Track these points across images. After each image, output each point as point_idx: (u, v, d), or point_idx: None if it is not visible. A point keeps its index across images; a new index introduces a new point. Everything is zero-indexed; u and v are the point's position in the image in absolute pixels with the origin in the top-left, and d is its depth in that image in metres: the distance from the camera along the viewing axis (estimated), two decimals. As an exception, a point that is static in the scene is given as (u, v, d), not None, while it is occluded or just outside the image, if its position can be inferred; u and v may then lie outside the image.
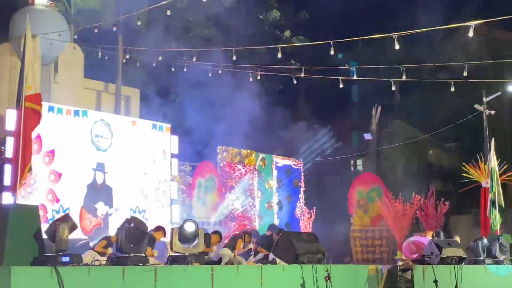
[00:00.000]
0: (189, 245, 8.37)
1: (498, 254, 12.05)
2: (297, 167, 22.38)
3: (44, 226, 7.83)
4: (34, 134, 8.77)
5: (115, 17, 18.63)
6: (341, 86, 17.40)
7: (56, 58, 18.72)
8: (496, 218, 14.42)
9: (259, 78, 18.73)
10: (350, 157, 29.55)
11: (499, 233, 13.85)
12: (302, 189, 22.30)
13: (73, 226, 7.87)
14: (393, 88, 17.70)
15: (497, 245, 12.11)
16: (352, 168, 31.01)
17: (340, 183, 30.06)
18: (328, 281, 8.72)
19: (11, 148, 10.78)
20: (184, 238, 8.36)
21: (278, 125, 27.15)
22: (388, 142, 24.81)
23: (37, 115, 8.63)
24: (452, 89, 16.57)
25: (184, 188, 19.22)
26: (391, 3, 29.32)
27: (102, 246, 11.00)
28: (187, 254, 8.30)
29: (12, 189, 8.52)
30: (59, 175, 14.69)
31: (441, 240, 11.71)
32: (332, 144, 27.19)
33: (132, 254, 7.76)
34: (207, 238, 11.96)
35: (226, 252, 11.80)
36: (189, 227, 8.42)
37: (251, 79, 18.81)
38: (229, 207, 19.29)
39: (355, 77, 16.43)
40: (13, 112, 10.12)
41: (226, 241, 13.31)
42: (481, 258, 11.88)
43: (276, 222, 20.42)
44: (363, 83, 21.86)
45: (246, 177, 20.13)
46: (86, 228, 15.07)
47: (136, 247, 7.82)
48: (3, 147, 13.95)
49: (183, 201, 18.62)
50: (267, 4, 28.34)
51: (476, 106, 18.77)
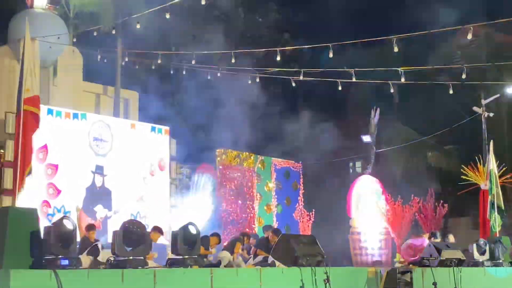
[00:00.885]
0: (191, 248, 8.38)
1: (498, 256, 12.07)
2: (296, 169, 22.38)
3: (44, 221, 7.83)
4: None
5: (114, 20, 18.63)
6: (340, 88, 17.43)
7: (55, 61, 18.72)
8: (495, 220, 14.43)
9: (258, 80, 18.75)
10: (349, 160, 29.53)
11: (498, 235, 13.87)
12: (301, 192, 22.31)
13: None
14: (392, 90, 17.69)
15: (500, 247, 12.14)
16: (351, 170, 30.99)
17: (339, 185, 30.05)
18: (328, 283, 8.72)
19: (11, 151, 10.80)
20: (187, 241, 8.36)
21: (277, 127, 27.16)
22: (387, 144, 24.78)
23: (36, 118, 8.62)
24: (451, 92, 16.59)
25: (183, 191, 19.21)
26: (390, 6, 29.35)
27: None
28: (186, 257, 8.30)
29: (12, 192, 8.54)
30: (56, 166, 14.66)
31: (440, 243, 11.74)
32: (331, 146, 27.17)
33: (131, 258, 7.76)
34: (206, 240, 11.97)
35: (225, 255, 11.80)
36: (193, 230, 8.46)
37: (250, 82, 18.82)
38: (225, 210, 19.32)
39: (353, 79, 16.41)
40: (13, 115, 10.15)
41: (225, 244, 13.31)
42: (480, 260, 11.89)
43: (275, 224, 20.41)
44: (362, 86, 21.87)
45: (245, 180, 20.15)
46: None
47: (135, 251, 7.82)
48: (2, 150, 13.97)
49: (181, 204, 18.61)
50: (266, 7, 28.37)
51: (475, 108, 18.78)
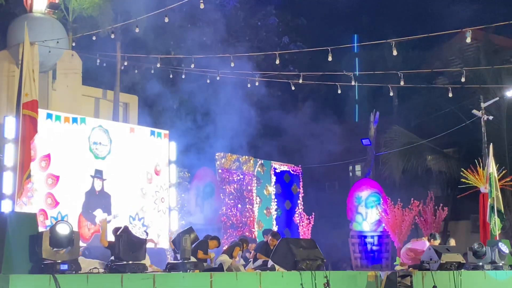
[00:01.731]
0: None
1: (497, 259, 12.05)
2: (295, 173, 22.37)
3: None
4: (38, 145, 8.77)
5: (113, 24, 18.63)
6: (339, 92, 17.42)
7: (54, 66, 18.70)
8: (495, 224, 14.42)
9: (257, 84, 18.75)
10: (349, 163, 29.53)
11: (498, 239, 13.85)
12: (300, 195, 22.29)
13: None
14: (391, 93, 17.70)
15: (496, 250, 12.12)
16: (350, 174, 30.98)
17: (338, 188, 30.04)
18: (327, 287, 8.71)
19: (10, 155, 10.78)
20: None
21: (277, 131, 27.16)
22: (386, 147, 24.78)
23: (34, 123, 8.62)
24: (450, 95, 16.59)
25: (183, 195, 19.19)
26: (390, 9, 29.40)
27: None
28: (186, 261, 8.28)
29: (12, 197, 8.53)
30: (57, 178, 14.66)
31: (440, 246, 11.72)
32: (330, 149, 27.17)
33: (130, 262, 7.75)
34: (204, 244, 11.96)
35: (225, 258, 11.78)
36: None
37: (249, 86, 18.83)
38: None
39: (353, 83, 16.40)
40: (12, 120, 10.14)
41: (224, 248, 13.29)
42: (480, 263, 11.88)
43: (275, 228, 20.39)
44: (362, 89, 21.88)
45: (244, 183, 20.14)
46: (85, 235, 15.04)
47: (135, 255, 7.81)
48: (1, 155, 13.95)
49: (181, 208, 18.59)
50: (265, 10, 28.39)
51: (474, 111, 18.78)
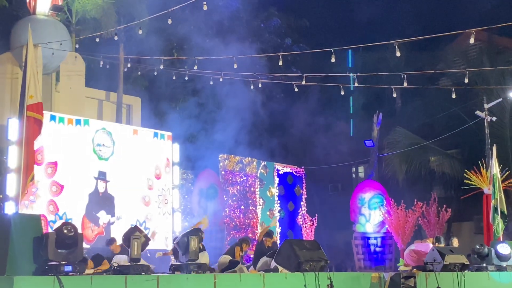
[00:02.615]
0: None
1: (495, 261, 12.01)
2: (298, 174, 22.36)
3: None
4: (36, 145, 8.77)
5: (116, 26, 18.67)
6: (342, 93, 17.42)
7: (57, 68, 18.74)
8: (499, 225, 14.41)
9: (260, 86, 18.76)
10: (352, 164, 29.50)
11: (502, 240, 13.83)
12: (303, 197, 22.28)
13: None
14: (394, 95, 17.69)
15: (492, 252, 12.08)
16: (353, 175, 30.95)
17: (341, 190, 30.01)
18: (331, 288, 8.71)
19: (14, 157, 10.78)
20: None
21: (280, 132, 27.16)
22: (389, 149, 24.75)
23: (39, 124, 8.64)
24: (453, 96, 16.58)
25: (186, 196, 19.20)
26: (393, 11, 29.39)
27: None
28: (189, 263, 8.27)
29: (15, 199, 8.54)
30: (61, 187, 14.70)
31: (444, 247, 11.70)
32: (333, 151, 27.15)
33: (133, 263, 7.77)
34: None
35: (226, 260, 11.77)
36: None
37: (252, 87, 18.83)
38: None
39: (356, 84, 16.40)
40: (16, 122, 10.16)
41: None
42: (483, 264, 11.86)
43: (278, 229, 20.40)
44: (365, 90, 21.87)
45: (248, 185, 20.14)
46: (89, 237, 15.08)
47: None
48: (4, 157, 13.97)
49: (184, 209, 18.61)
50: (268, 12, 28.40)
51: (478, 112, 18.76)
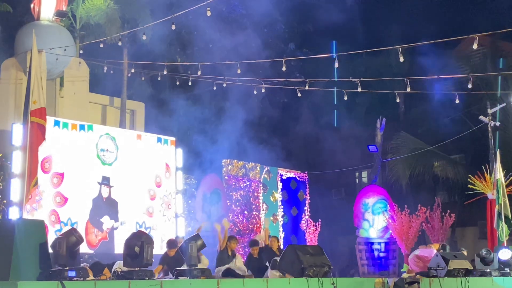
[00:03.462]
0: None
1: (499, 266, 11.96)
2: (302, 179, 22.34)
3: (51, 236, 7.84)
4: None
5: (120, 32, 18.72)
6: (346, 98, 17.42)
7: (61, 73, 18.79)
8: (503, 230, 14.37)
9: (263, 91, 18.77)
10: (355, 169, 29.49)
11: (506, 245, 13.79)
12: (307, 202, 22.25)
13: (79, 240, 7.88)
14: (398, 100, 17.68)
15: (496, 257, 12.01)
16: (357, 180, 30.94)
17: (345, 195, 30.00)
18: (335, 294, 8.70)
19: (18, 163, 10.80)
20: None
21: (283, 137, 27.17)
22: (393, 154, 24.74)
23: (42, 130, 8.65)
24: (457, 101, 16.56)
25: (190, 201, 19.20)
26: (396, 15, 29.39)
27: None
28: (193, 268, 8.28)
29: (19, 204, 8.56)
30: (66, 199, 14.70)
31: (448, 253, 11.66)
32: (337, 156, 27.16)
33: (137, 269, 7.76)
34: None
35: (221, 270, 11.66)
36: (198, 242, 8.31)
37: (255, 92, 18.85)
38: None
39: (359, 89, 16.38)
40: (20, 127, 10.19)
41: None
42: (487, 270, 11.81)
43: (281, 235, 20.39)
44: (368, 95, 21.85)
45: (251, 190, 20.13)
46: (92, 242, 15.09)
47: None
48: (9, 162, 14.00)
49: (188, 215, 18.61)
50: (271, 17, 28.42)
51: (481, 117, 18.74)
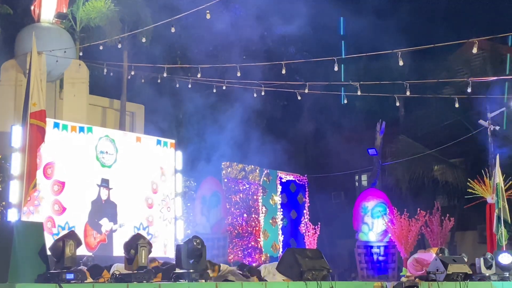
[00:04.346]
0: (197, 262, 8.29)
1: (498, 271, 11.93)
2: (301, 182, 22.33)
3: (49, 240, 7.82)
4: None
5: (120, 34, 18.74)
6: (345, 101, 17.45)
7: (61, 75, 18.80)
8: (502, 234, 14.35)
9: (263, 94, 18.77)
10: (355, 173, 29.49)
11: (505, 249, 13.77)
12: (306, 205, 22.24)
13: (78, 243, 7.85)
14: (398, 103, 17.69)
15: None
16: (356, 183, 30.92)
17: (344, 198, 29.99)
18: (333, 298, 8.68)
19: (17, 164, 10.78)
20: (192, 255, 8.25)
21: (283, 140, 27.14)
22: (392, 157, 24.75)
23: (42, 132, 8.63)
24: (457, 105, 16.57)
25: (189, 204, 19.20)
26: (396, 20, 29.39)
27: None
28: (191, 271, 8.26)
29: (18, 206, 8.54)
30: (64, 209, 14.71)
31: (447, 257, 11.63)
32: (336, 159, 27.16)
33: (135, 271, 7.75)
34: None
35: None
36: (197, 244, 8.28)
37: (255, 95, 18.85)
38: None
39: (359, 92, 16.39)
40: (19, 129, 10.17)
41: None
42: (487, 274, 11.78)
43: (280, 238, 20.38)
44: (368, 99, 21.85)
45: (250, 193, 20.12)
46: (91, 244, 15.07)
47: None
48: (8, 164, 13.99)
49: (187, 217, 18.59)
50: (271, 20, 28.43)
51: (481, 121, 18.74)
